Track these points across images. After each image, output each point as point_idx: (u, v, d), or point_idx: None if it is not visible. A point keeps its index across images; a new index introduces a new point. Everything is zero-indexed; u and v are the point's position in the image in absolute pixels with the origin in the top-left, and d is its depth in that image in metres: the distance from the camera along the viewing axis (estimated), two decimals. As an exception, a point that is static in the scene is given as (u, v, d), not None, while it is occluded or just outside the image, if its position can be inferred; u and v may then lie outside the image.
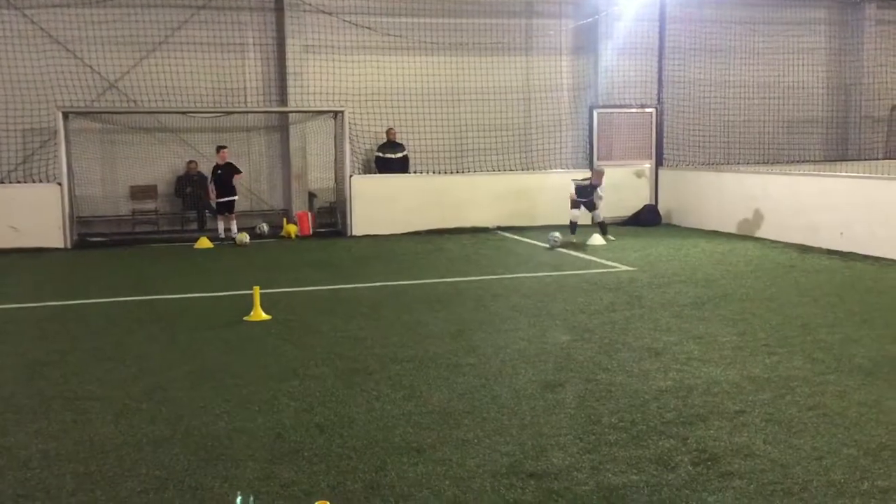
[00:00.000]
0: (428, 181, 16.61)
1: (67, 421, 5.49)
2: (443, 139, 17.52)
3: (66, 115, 14.87)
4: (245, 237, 14.93)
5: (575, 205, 14.28)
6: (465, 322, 8.22)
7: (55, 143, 14.81)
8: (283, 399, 5.89)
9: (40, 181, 15.08)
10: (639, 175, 17.61)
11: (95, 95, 16.18)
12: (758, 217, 14.48)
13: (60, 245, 14.39)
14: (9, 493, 4.37)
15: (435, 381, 6.25)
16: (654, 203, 17.36)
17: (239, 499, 3.99)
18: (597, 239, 14.11)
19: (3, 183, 15.13)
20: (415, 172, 17.10)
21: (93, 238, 15.50)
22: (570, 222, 14.30)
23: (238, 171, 15.50)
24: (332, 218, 16.89)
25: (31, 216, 14.29)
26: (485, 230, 16.03)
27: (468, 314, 8.60)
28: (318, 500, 4.08)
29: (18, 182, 15.24)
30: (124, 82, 16.33)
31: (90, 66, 16.11)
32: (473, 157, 17.75)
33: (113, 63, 16.18)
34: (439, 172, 17.00)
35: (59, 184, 14.52)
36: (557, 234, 13.60)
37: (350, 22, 17.04)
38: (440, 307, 8.98)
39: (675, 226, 16.60)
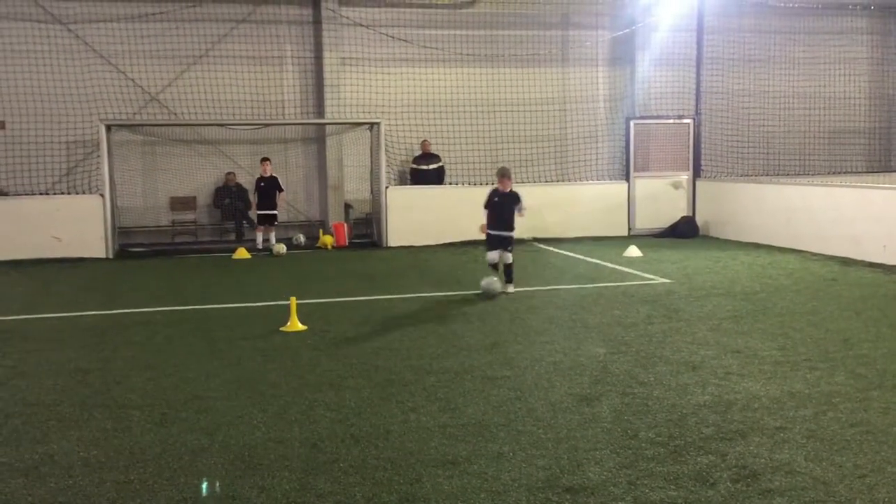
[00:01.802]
0: (463, 192, 16.61)
1: (108, 429, 5.57)
2: (478, 150, 17.55)
3: (108, 128, 15.17)
4: (282, 248, 15.07)
5: (492, 243, 10.48)
6: (500, 334, 8.21)
7: (98, 155, 15.11)
8: (319, 410, 5.92)
9: (83, 192, 15.38)
10: (676, 186, 17.46)
11: (137, 108, 16.50)
12: (798, 229, 14.27)
13: (102, 255, 14.65)
14: (50, 501, 4.45)
15: (470, 394, 6.24)
16: (691, 215, 17.19)
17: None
18: (633, 250, 13.98)
19: (47, 194, 15.45)
20: (450, 184, 17.14)
21: (133, 248, 15.77)
22: (490, 265, 10.66)
23: (281, 189, 15.66)
24: (367, 229, 16.99)
25: (74, 227, 14.57)
26: (520, 241, 15.95)
27: (503, 326, 8.58)
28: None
29: (62, 193, 15.56)
30: (165, 95, 16.63)
31: (132, 80, 16.44)
32: (509, 168, 17.68)
33: (154, 76, 16.50)
34: (474, 184, 17.00)
35: (102, 195, 14.80)
36: (495, 278, 10.34)
37: (387, 35, 17.17)
38: (475, 319, 8.97)
39: (712, 238, 16.41)
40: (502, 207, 10.33)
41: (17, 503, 4.42)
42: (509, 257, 10.35)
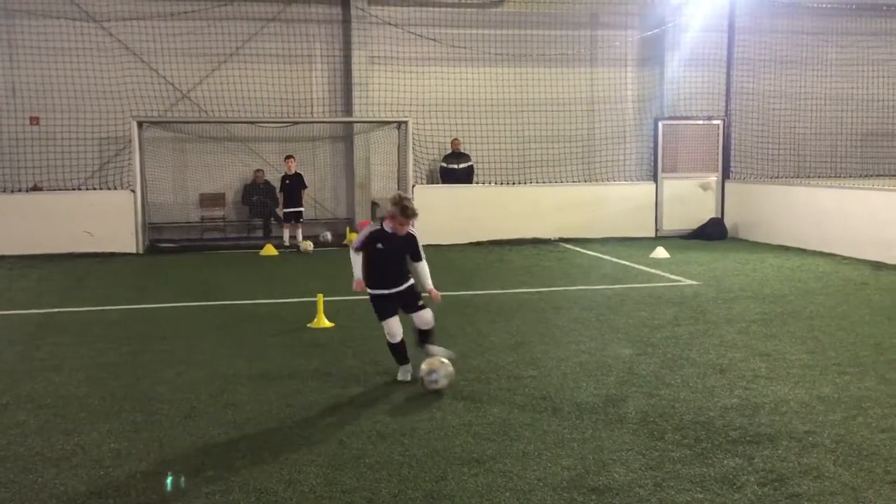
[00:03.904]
0: (490, 192, 16.63)
1: (138, 421, 5.65)
2: (506, 150, 17.53)
3: (140, 125, 15.34)
4: (309, 245, 15.15)
5: (385, 307, 6.61)
6: (526, 334, 8.20)
7: (129, 152, 15.30)
8: (346, 406, 5.96)
9: (115, 188, 15.58)
10: (704, 188, 17.31)
11: (168, 105, 16.67)
12: (829, 232, 14.09)
13: (133, 250, 14.83)
14: (82, 490, 4.52)
15: (496, 393, 6.25)
16: (719, 216, 17.05)
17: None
18: (661, 252, 13.89)
19: (79, 190, 15.67)
20: (478, 183, 17.14)
21: (163, 244, 15.94)
22: (392, 345, 6.65)
23: (305, 186, 15.74)
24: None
25: (106, 222, 14.76)
26: (547, 242, 15.97)
27: (529, 326, 8.58)
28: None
29: (94, 189, 15.77)
30: (196, 93, 16.79)
31: (164, 77, 16.61)
32: (536, 168, 17.71)
33: (186, 74, 16.67)
34: (502, 183, 17.00)
35: (133, 191, 14.98)
36: (439, 371, 6.20)
37: (415, 34, 17.21)
38: (501, 318, 8.97)
39: (741, 240, 16.26)
40: (389, 258, 6.53)
41: (49, 492, 4.50)
42: (427, 317, 6.62)
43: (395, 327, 6.56)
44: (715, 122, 17.53)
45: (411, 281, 6.69)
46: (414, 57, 17.23)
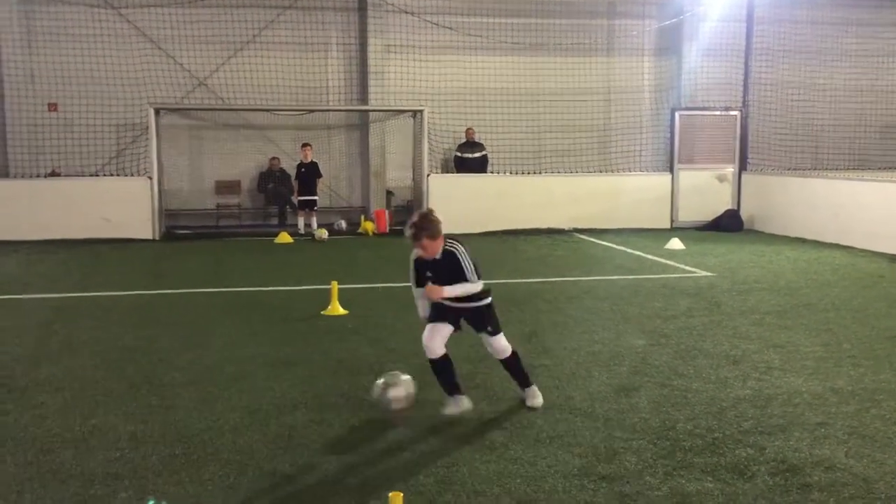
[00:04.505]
0: (505, 181, 16.61)
1: (154, 405, 5.72)
2: (521, 139, 17.50)
3: (157, 112, 15.42)
4: (324, 233, 15.21)
5: (435, 310, 5.72)
6: (539, 323, 8.21)
7: (146, 139, 15.38)
8: (359, 393, 6.00)
9: (132, 175, 15.68)
10: (721, 179, 17.22)
11: (185, 93, 16.74)
12: (846, 224, 13.99)
13: (149, 237, 14.94)
14: (99, 472, 4.59)
15: (508, 382, 6.25)
16: (735, 208, 16.96)
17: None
18: (676, 243, 13.84)
19: (97, 176, 15.78)
20: (492, 172, 17.13)
21: (179, 230, 16.04)
22: (436, 365, 5.61)
23: (320, 175, 15.79)
24: (408, 216, 17.00)
25: (123, 208, 14.88)
26: (561, 232, 15.95)
27: (542, 316, 8.59)
28: (391, 492, 4.15)
29: (111, 175, 15.87)
30: (213, 80, 16.85)
31: (181, 65, 16.68)
32: (551, 157, 17.67)
33: (202, 61, 16.72)
34: (517, 172, 16.98)
35: (150, 178, 15.07)
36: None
37: (431, 22, 17.18)
38: (514, 308, 8.98)
39: (757, 232, 16.18)
40: (440, 281, 5.52)
41: (67, 473, 4.57)
42: (498, 345, 5.71)
43: (429, 336, 5.49)
44: (732, 112, 17.42)
45: (485, 300, 5.67)
46: (429, 45, 17.21)
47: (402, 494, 3.48)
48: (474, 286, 5.52)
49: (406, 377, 5.47)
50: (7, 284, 10.50)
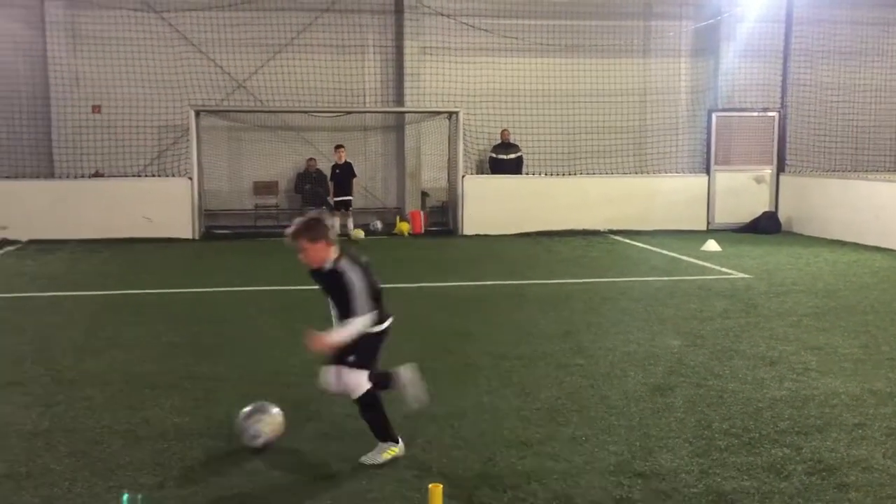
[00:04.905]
0: (539, 182, 16.64)
1: (199, 399, 5.88)
2: (556, 141, 17.53)
3: (197, 113, 15.69)
4: (360, 233, 15.36)
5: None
6: (573, 323, 8.26)
7: (187, 140, 15.67)
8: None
9: (172, 175, 15.98)
10: (758, 181, 17.09)
11: (224, 95, 17.02)
12: (887, 227, 13.81)
13: (189, 236, 15.21)
14: (147, 462, 4.74)
15: (544, 380, 6.33)
16: (773, 210, 16.81)
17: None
18: (712, 244, 13.76)
19: (138, 176, 16.11)
20: (527, 174, 17.17)
21: (218, 230, 16.31)
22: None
23: (354, 175, 15.95)
24: (443, 217, 17.17)
25: (164, 208, 15.17)
26: (595, 233, 15.94)
27: (577, 316, 8.63)
28: (430, 483, 4.24)
29: (153, 176, 16.19)
30: (251, 82, 17.11)
31: (220, 67, 16.96)
32: (586, 159, 17.67)
33: (242, 64, 16.99)
34: (552, 174, 17.00)
35: (190, 178, 15.35)
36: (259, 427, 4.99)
37: (468, 24, 17.27)
38: (549, 308, 9.03)
39: (795, 234, 16.03)
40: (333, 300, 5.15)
41: (116, 463, 4.73)
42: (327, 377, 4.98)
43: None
44: (770, 113, 17.27)
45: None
46: (465, 47, 17.31)
47: (441, 486, 3.56)
48: (362, 321, 4.71)
49: (275, 410, 5.03)
50: (54, 282, 10.79)
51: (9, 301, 9.64)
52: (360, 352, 4.79)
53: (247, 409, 5.02)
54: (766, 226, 16.32)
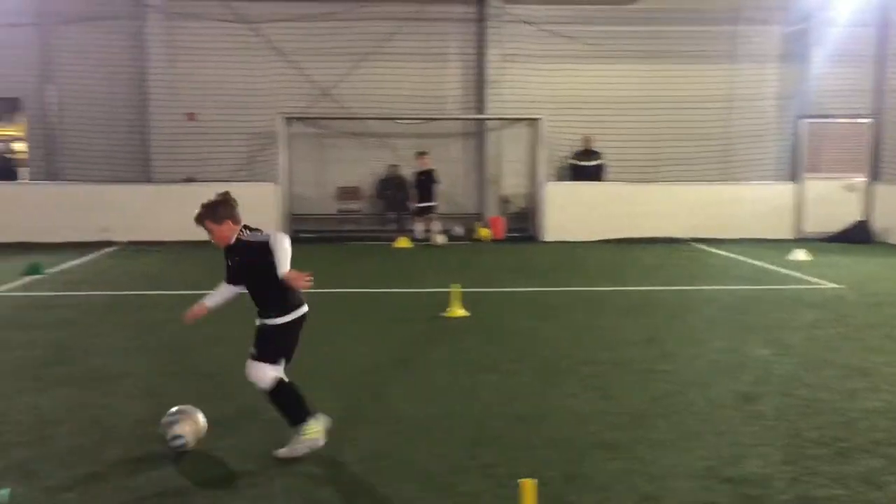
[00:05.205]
0: (622, 189, 16.54)
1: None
2: (638, 147, 17.40)
3: (285, 120, 16.15)
4: (442, 239, 15.57)
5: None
6: (657, 330, 8.23)
7: (275, 146, 16.15)
8: (483, 390, 6.22)
9: (261, 181, 16.50)
10: (850, 189, 16.59)
11: (310, 102, 17.48)
12: None
13: (276, 239, 15.64)
14: (255, 452, 4.98)
15: (628, 385, 6.36)
16: (865, 220, 16.30)
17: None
18: (800, 254, 13.44)
19: (228, 181, 16.66)
20: (609, 181, 17.09)
21: (304, 234, 16.74)
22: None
23: (437, 182, 16.16)
24: (523, 223, 17.23)
25: (253, 212, 15.48)
26: (678, 241, 15.75)
27: (661, 323, 8.59)
28: (520, 479, 4.34)
29: (242, 181, 16.75)
30: (337, 90, 17.52)
31: (307, 75, 17.43)
32: (670, 166, 17.47)
33: (327, 72, 17.42)
34: (634, 181, 16.88)
35: (278, 183, 15.82)
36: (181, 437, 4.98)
37: (550, 31, 17.32)
38: (632, 315, 9.02)
39: (889, 245, 15.51)
40: (237, 279, 5.53)
41: (225, 450, 4.98)
42: (257, 373, 5.09)
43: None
44: (863, 120, 16.75)
45: (268, 319, 5.22)
46: (547, 54, 17.35)
47: (533, 482, 3.66)
48: (283, 242, 4.96)
49: (198, 415, 5.06)
50: (152, 281, 11.31)
51: (112, 297, 10.17)
52: (261, 345, 5.03)
53: (172, 412, 5.02)
54: (857, 235, 15.85)
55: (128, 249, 14.54)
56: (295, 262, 4.96)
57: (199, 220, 5.09)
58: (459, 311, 8.92)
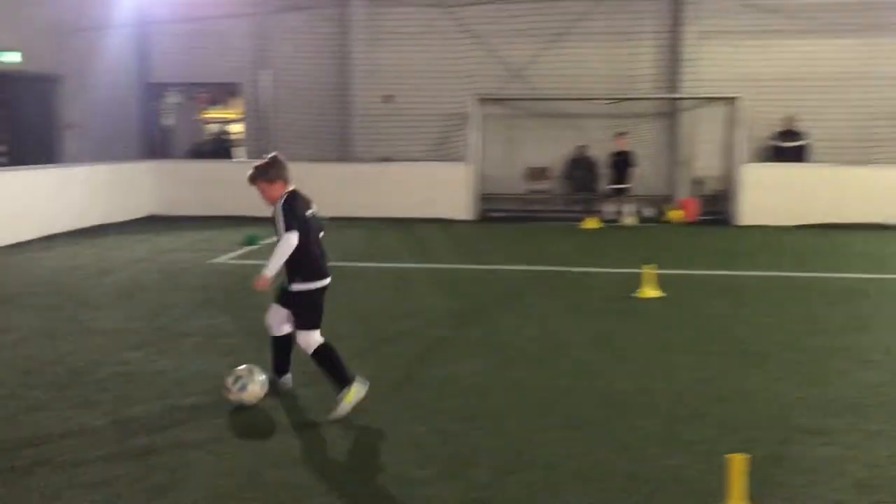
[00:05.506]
0: (827, 172, 15.59)
1: (497, 364, 6.35)
2: (847, 127, 16.30)
3: (479, 101, 16.50)
4: (632, 220, 15.39)
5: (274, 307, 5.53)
6: (868, 318, 7.81)
7: (467, 127, 16.57)
8: (680, 370, 6.19)
9: (453, 161, 16.98)
10: None
11: (502, 83, 17.72)
12: None
13: (468, 218, 16.12)
14: (457, 412, 5.28)
15: (838, 372, 6.11)
16: None
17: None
18: None
19: (423, 161, 17.30)
20: (814, 162, 16.15)
21: (494, 213, 17.09)
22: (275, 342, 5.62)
23: (634, 164, 15.95)
24: (717, 205, 16.65)
25: (445, 191, 16.20)
26: (891, 228, 14.63)
27: (871, 310, 8.13)
28: (728, 454, 4.33)
29: (436, 161, 17.32)
30: (527, 71, 17.66)
31: (499, 57, 17.69)
32: (883, 147, 16.24)
33: (518, 53, 17.59)
34: (841, 163, 15.84)
35: (469, 163, 16.23)
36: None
37: (753, 6, 16.53)
38: (840, 302, 8.58)
39: None
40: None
41: (428, 409, 5.31)
42: (304, 340, 5.28)
43: (269, 314, 5.50)
44: None
45: (294, 285, 5.29)
46: (748, 30, 16.59)
47: (741, 456, 3.66)
48: (282, 246, 5.10)
49: (261, 378, 5.28)
50: (354, 254, 12.02)
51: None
52: (299, 315, 5.24)
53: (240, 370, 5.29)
54: None
55: (328, 225, 15.45)
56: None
57: (253, 180, 5.28)
58: (652, 292, 8.85)
